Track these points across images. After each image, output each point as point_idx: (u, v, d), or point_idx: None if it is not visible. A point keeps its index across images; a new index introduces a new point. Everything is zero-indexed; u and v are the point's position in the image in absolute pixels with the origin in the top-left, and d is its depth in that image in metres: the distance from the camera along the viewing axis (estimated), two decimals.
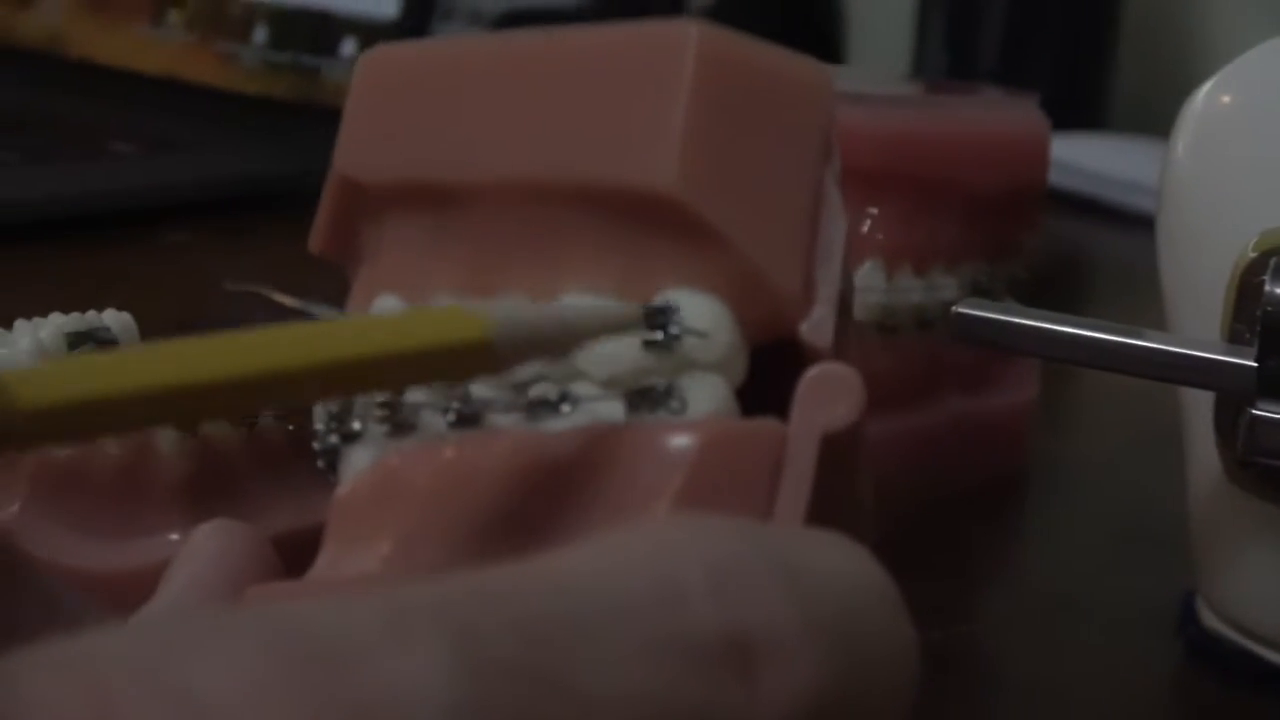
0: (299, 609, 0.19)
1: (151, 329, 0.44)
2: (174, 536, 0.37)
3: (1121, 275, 0.86)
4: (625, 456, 0.25)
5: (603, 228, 0.26)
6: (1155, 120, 0.57)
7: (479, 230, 0.27)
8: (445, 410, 0.26)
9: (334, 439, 0.28)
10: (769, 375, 0.27)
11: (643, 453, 0.25)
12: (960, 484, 0.50)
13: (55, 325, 0.42)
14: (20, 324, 0.41)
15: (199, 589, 0.27)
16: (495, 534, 0.25)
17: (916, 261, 0.49)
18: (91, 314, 0.43)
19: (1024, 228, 0.53)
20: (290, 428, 0.39)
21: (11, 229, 0.71)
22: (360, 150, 0.28)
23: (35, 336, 0.41)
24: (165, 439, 0.37)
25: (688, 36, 0.26)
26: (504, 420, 0.26)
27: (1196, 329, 0.39)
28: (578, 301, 0.26)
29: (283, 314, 0.63)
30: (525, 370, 0.26)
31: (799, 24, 1.26)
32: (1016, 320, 0.37)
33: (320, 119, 0.83)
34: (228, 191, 0.81)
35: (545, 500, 0.25)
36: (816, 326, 0.27)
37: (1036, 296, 0.50)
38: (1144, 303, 0.46)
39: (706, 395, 0.26)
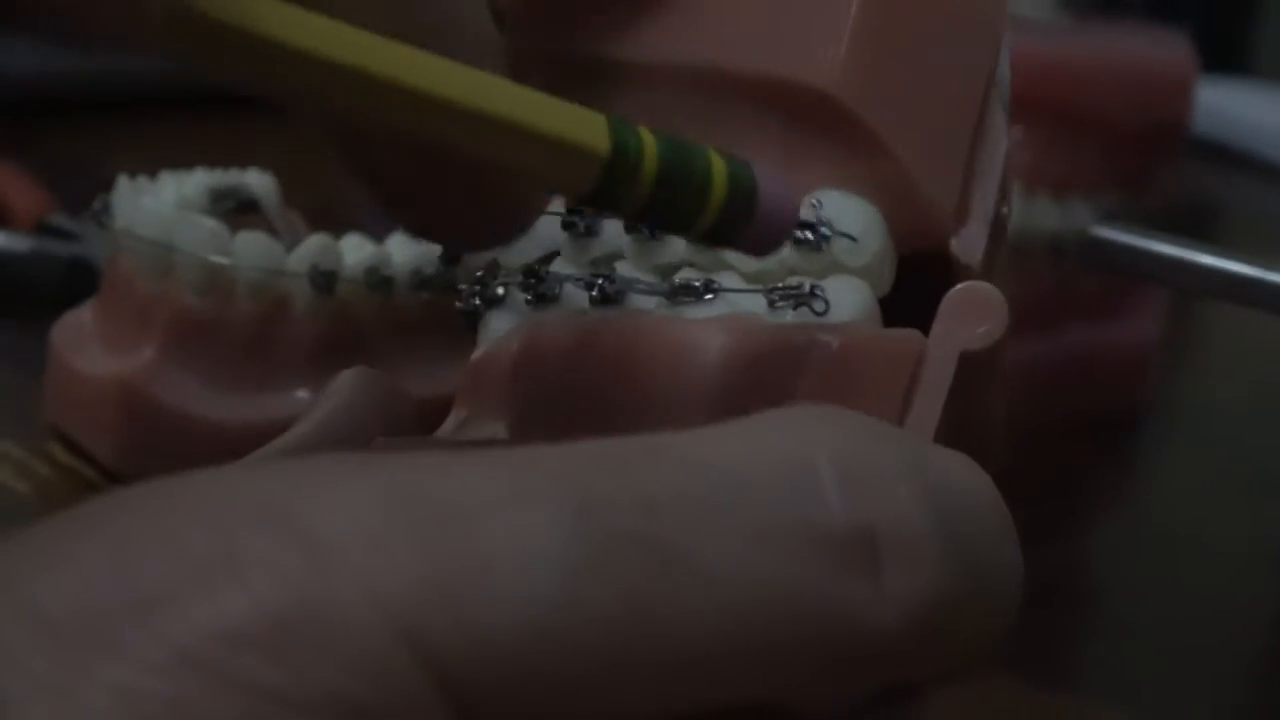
0: (426, 463, 0.20)
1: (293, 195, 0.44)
2: (302, 394, 0.38)
3: (1257, 227, 0.84)
4: (763, 352, 0.25)
5: (763, 122, 0.26)
6: None
7: (636, 112, 0.27)
8: (590, 286, 0.26)
9: (476, 301, 0.28)
10: (916, 289, 0.26)
11: (780, 350, 0.25)
12: (1080, 415, 0.50)
13: (198, 180, 0.42)
14: (166, 175, 0.42)
15: (330, 430, 0.27)
16: (625, 411, 0.25)
17: (1054, 187, 0.48)
18: (234, 172, 0.43)
19: (1162, 162, 0.52)
20: (425, 297, 0.39)
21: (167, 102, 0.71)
22: (525, 23, 0.28)
23: (180, 190, 0.42)
24: (300, 298, 0.38)
25: None
26: (646, 302, 0.26)
27: None
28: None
29: None
30: (673, 253, 0.26)
31: None
32: (1150, 245, 0.37)
33: None
34: None
35: (681, 385, 0.25)
36: (967, 243, 0.26)
37: None
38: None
39: (850, 300, 0.25)
